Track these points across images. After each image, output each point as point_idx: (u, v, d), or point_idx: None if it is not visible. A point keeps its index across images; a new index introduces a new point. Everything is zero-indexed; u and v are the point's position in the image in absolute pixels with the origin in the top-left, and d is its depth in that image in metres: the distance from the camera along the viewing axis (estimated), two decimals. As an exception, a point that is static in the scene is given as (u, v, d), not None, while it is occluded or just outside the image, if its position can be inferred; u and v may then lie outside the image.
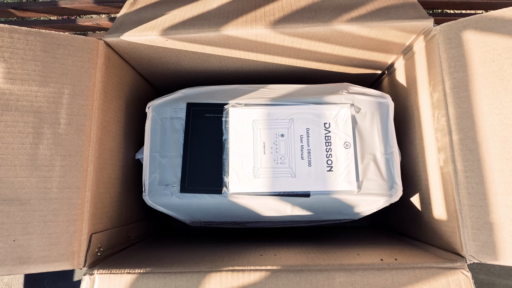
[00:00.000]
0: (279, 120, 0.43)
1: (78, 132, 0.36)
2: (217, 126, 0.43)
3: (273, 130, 0.43)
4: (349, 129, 0.42)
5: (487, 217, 0.33)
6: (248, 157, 0.42)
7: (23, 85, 0.34)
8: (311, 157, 0.42)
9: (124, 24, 0.41)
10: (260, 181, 0.41)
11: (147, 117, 0.45)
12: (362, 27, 0.38)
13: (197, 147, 0.43)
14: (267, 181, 0.41)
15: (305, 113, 0.43)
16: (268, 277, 0.33)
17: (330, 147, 0.42)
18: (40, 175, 0.34)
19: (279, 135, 0.42)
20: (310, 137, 0.42)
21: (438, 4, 0.69)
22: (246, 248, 0.41)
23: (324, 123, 0.43)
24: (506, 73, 0.33)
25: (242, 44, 0.41)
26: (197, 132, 0.43)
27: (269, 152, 0.42)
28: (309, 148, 0.42)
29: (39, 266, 0.33)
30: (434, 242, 0.41)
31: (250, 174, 0.42)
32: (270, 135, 0.42)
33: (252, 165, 0.42)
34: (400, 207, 0.49)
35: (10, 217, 0.32)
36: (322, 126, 0.42)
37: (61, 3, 0.68)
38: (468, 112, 0.35)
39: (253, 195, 0.41)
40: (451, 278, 0.33)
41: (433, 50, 0.38)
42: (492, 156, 0.33)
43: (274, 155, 0.42)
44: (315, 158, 0.42)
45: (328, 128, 0.42)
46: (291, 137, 0.42)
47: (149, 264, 0.35)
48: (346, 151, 0.42)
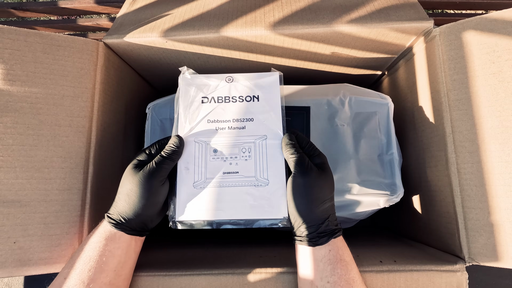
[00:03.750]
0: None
1: (78, 133, 0.36)
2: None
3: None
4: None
5: (486, 219, 0.33)
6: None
7: (23, 87, 0.34)
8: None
9: (124, 25, 0.41)
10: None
11: (147, 117, 0.45)
12: (362, 28, 0.38)
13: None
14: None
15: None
16: (268, 279, 0.33)
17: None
18: (41, 177, 0.34)
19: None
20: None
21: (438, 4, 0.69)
22: (246, 249, 0.41)
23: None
24: (506, 75, 0.33)
25: (242, 45, 0.41)
26: None
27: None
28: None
29: (40, 268, 0.33)
30: (433, 243, 0.41)
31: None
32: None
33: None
34: (399, 208, 0.49)
35: (10, 219, 0.32)
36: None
37: (61, 3, 0.68)
38: (467, 114, 0.35)
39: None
40: (449, 280, 0.33)
41: (433, 52, 0.38)
42: (492, 158, 0.33)
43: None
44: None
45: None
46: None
47: (149, 266, 0.35)
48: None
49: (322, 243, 0.31)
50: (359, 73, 0.53)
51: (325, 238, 0.31)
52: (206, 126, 0.36)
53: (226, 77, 0.38)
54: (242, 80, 0.38)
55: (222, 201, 0.34)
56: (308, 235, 0.31)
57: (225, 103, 0.37)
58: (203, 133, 0.36)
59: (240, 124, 0.36)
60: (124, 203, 0.32)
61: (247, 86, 0.37)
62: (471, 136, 0.34)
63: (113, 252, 0.31)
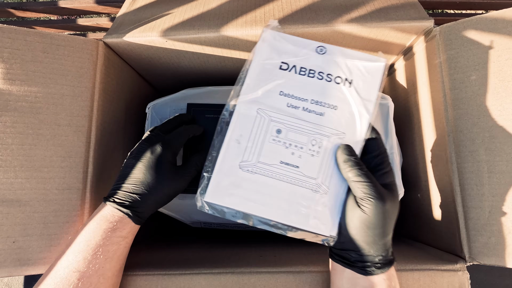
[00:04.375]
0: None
1: (78, 133, 0.36)
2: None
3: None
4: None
5: (486, 218, 0.33)
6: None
7: (23, 86, 0.34)
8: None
9: (124, 25, 0.41)
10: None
11: (147, 117, 0.45)
12: (362, 28, 0.37)
13: (197, 147, 0.43)
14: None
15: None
16: (268, 279, 0.33)
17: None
18: (40, 176, 0.34)
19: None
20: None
21: (438, 4, 0.69)
22: (246, 249, 0.41)
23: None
24: (507, 74, 0.33)
25: (242, 45, 0.41)
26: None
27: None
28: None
29: (39, 268, 0.33)
30: (433, 243, 0.41)
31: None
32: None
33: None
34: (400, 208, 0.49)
35: (9, 218, 0.32)
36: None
37: (61, 3, 0.68)
38: (468, 113, 0.35)
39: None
40: (451, 280, 0.33)
41: (433, 51, 0.38)
42: (492, 157, 0.33)
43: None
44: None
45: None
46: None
47: (148, 265, 0.35)
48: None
49: (377, 274, 0.28)
50: (359, 73, 0.52)
51: (381, 269, 0.28)
52: (277, 99, 0.29)
53: (318, 46, 0.31)
54: (337, 55, 0.30)
55: (270, 196, 0.28)
56: (360, 263, 0.28)
57: (308, 77, 0.30)
58: (271, 105, 0.29)
59: (319, 108, 0.29)
60: (135, 181, 0.30)
61: (341, 64, 0.30)
62: (471, 135, 0.34)
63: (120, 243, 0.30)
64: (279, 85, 0.29)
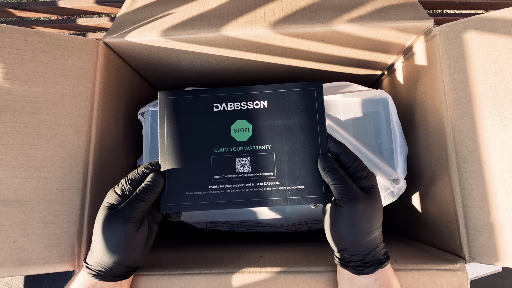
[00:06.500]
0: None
1: (78, 133, 0.36)
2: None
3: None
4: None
5: (486, 218, 0.33)
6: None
7: (23, 86, 0.34)
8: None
9: (124, 25, 0.41)
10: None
11: (143, 122, 0.45)
12: (362, 28, 0.38)
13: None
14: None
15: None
16: (268, 279, 0.33)
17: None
18: (40, 176, 0.34)
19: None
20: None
21: (438, 4, 0.69)
22: (246, 249, 0.41)
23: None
24: (506, 74, 0.33)
25: (242, 45, 0.41)
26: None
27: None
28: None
29: (39, 268, 0.33)
30: (433, 243, 0.41)
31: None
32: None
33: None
34: (400, 208, 0.49)
35: (9, 218, 0.32)
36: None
37: (61, 3, 0.68)
38: (468, 113, 0.35)
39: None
40: (451, 280, 0.33)
41: (433, 51, 0.38)
42: (492, 157, 0.33)
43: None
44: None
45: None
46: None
47: (148, 265, 0.35)
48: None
49: (368, 273, 0.29)
50: (359, 73, 0.53)
51: (371, 268, 0.29)
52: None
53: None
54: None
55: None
56: (352, 263, 0.30)
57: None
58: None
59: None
60: (100, 253, 0.30)
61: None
62: (471, 135, 0.34)
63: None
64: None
